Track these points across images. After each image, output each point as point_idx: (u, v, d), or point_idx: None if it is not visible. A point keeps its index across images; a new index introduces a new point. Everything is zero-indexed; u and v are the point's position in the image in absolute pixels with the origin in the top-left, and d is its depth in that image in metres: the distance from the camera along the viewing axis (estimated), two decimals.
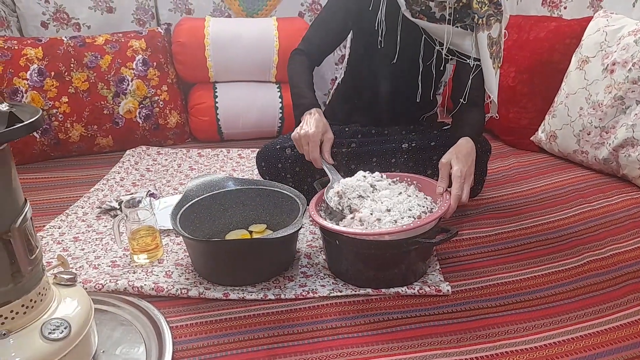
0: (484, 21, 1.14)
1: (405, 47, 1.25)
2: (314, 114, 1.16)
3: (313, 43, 1.30)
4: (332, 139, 1.15)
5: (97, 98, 1.70)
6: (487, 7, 1.14)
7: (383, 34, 1.24)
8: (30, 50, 1.64)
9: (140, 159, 1.70)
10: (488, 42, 1.15)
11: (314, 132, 1.12)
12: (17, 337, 0.66)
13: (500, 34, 1.17)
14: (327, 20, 1.30)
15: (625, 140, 1.33)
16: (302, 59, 1.28)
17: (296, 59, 1.29)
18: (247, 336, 0.87)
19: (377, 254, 0.96)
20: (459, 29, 1.18)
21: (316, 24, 1.31)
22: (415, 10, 1.17)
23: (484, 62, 1.17)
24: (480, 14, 1.14)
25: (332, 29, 1.30)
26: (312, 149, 1.12)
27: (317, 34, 1.30)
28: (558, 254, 1.08)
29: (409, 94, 1.31)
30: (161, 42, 1.83)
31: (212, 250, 1.00)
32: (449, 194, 1.02)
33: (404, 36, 1.24)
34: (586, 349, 0.81)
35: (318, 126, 1.13)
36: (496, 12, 1.15)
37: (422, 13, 1.17)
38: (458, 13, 1.16)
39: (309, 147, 1.12)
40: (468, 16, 1.17)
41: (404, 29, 1.23)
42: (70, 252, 1.14)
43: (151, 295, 0.96)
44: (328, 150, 1.15)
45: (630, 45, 1.36)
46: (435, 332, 0.87)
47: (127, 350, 0.82)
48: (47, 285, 0.72)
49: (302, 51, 1.30)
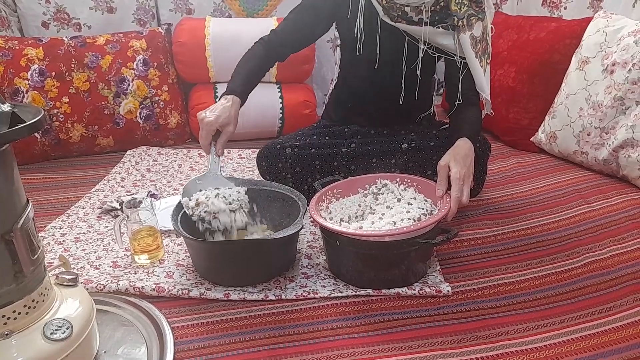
0: (465, 22, 1.13)
1: (386, 52, 1.24)
2: (227, 102, 1.11)
3: (278, 34, 1.26)
4: (230, 132, 1.10)
5: (97, 98, 1.71)
6: (466, 8, 1.13)
7: (362, 41, 1.23)
8: (31, 51, 1.64)
9: (141, 159, 1.70)
10: (471, 42, 1.14)
11: (211, 120, 1.07)
12: (19, 337, 0.66)
13: (485, 30, 1.16)
14: (297, 16, 1.26)
15: (625, 141, 1.33)
16: (259, 49, 1.24)
17: (254, 47, 1.25)
18: (248, 337, 0.87)
19: (377, 255, 0.96)
20: (441, 29, 1.17)
21: (288, 19, 1.27)
22: (393, 15, 1.17)
23: (470, 63, 1.16)
24: (459, 15, 1.13)
25: (302, 26, 1.26)
26: (203, 135, 1.08)
27: (285, 30, 1.26)
28: (558, 254, 1.08)
29: (394, 97, 1.30)
30: (162, 42, 1.83)
31: (213, 251, 1.01)
32: (449, 196, 1.02)
33: (385, 41, 1.23)
34: (586, 350, 0.81)
35: (220, 115, 1.08)
36: (477, 11, 1.13)
37: (401, 17, 1.16)
38: (438, 15, 1.16)
39: (202, 133, 1.08)
40: (449, 16, 1.15)
41: (384, 33, 1.22)
42: (71, 252, 1.14)
43: (152, 295, 0.97)
44: (221, 143, 1.10)
45: (630, 46, 1.36)
46: (436, 332, 0.87)
47: (128, 351, 0.82)
48: (49, 285, 0.73)
49: (265, 42, 1.25)
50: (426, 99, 1.39)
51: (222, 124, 1.08)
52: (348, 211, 1.06)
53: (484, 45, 1.17)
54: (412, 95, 1.29)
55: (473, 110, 1.22)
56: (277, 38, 1.26)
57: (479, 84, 1.18)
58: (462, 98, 1.21)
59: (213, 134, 1.09)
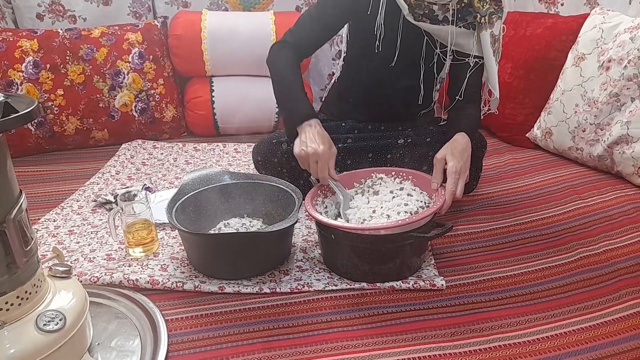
0: (487, 19, 1.13)
1: (404, 50, 1.23)
2: (315, 127, 1.08)
3: (303, 37, 1.21)
4: (335, 154, 1.08)
5: (92, 91, 1.70)
6: (488, 5, 1.13)
7: (381, 38, 1.22)
8: (25, 42, 1.63)
9: (136, 152, 1.70)
10: (491, 40, 1.14)
11: (324, 150, 1.04)
12: (11, 328, 0.66)
13: (500, 30, 1.17)
14: (320, 16, 1.22)
15: (620, 137, 1.34)
16: (289, 53, 1.18)
17: (284, 52, 1.18)
18: (243, 329, 0.87)
19: (372, 249, 0.96)
20: (462, 29, 1.17)
21: (308, 18, 1.23)
22: (418, 13, 1.15)
23: (487, 61, 1.16)
24: (482, 12, 1.13)
25: (325, 25, 1.22)
26: (322, 168, 1.05)
27: (309, 28, 1.22)
28: (552, 249, 1.08)
29: (409, 96, 1.30)
30: (157, 35, 1.82)
31: (208, 244, 1.00)
32: (444, 189, 1.03)
33: (404, 39, 1.22)
34: (579, 343, 0.81)
35: (325, 143, 1.06)
36: (497, 9, 1.14)
37: (425, 16, 1.15)
38: (460, 12, 1.15)
39: (318, 166, 1.05)
40: (470, 14, 1.15)
41: (404, 32, 1.20)
42: (65, 245, 1.14)
43: (146, 288, 0.96)
44: (333, 167, 1.08)
45: (626, 43, 1.36)
46: (430, 326, 0.87)
47: (122, 343, 0.82)
48: (42, 277, 0.72)
49: (289, 44, 1.20)
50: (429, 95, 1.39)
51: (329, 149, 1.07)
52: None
53: (498, 45, 1.17)
54: (429, 94, 1.29)
55: (473, 107, 1.23)
56: (302, 41, 1.21)
57: (492, 83, 1.18)
58: (465, 95, 1.21)
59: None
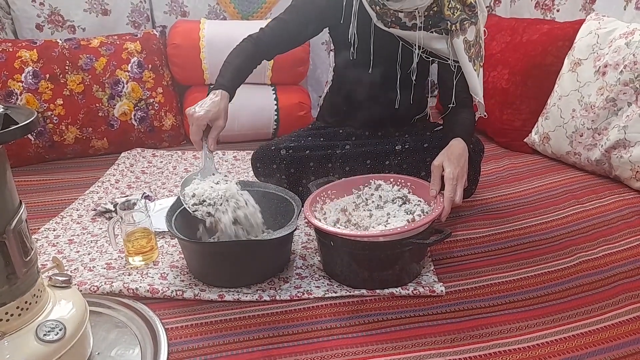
0: (458, 26, 1.14)
1: (380, 56, 1.24)
2: (216, 96, 1.10)
3: (266, 35, 1.23)
4: (221, 127, 1.08)
5: (92, 100, 1.70)
6: (459, 12, 1.13)
7: (356, 47, 1.23)
8: (25, 53, 1.64)
9: (136, 161, 1.70)
10: (465, 46, 1.15)
11: (201, 115, 1.05)
12: (12, 339, 0.66)
13: (478, 34, 1.17)
14: (288, 19, 1.24)
15: (617, 142, 1.34)
16: (247, 46, 1.21)
17: (242, 43, 1.22)
18: (243, 337, 0.87)
19: (371, 255, 0.96)
20: (434, 34, 1.17)
21: (278, 21, 1.25)
22: (386, 20, 1.17)
23: (464, 67, 1.17)
24: (452, 20, 1.13)
25: (289, 31, 1.24)
26: (194, 130, 1.06)
27: (274, 29, 1.24)
28: (551, 254, 1.08)
29: (389, 101, 1.30)
30: (156, 45, 1.83)
31: (207, 252, 1.01)
32: (442, 196, 1.03)
33: (378, 45, 1.23)
34: (579, 348, 0.82)
35: (210, 110, 1.06)
36: (471, 15, 1.14)
37: (394, 23, 1.17)
38: (431, 19, 1.16)
39: (192, 128, 1.07)
40: (442, 21, 1.16)
41: (377, 38, 1.22)
42: (65, 254, 1.14)
43: (146, 297, 0.96)
44: (213, 137, 1.08)
45: (622, 48, 1.37)
46: (429, 332, 0.87)
47: (122, 352, 0.82)
48: (42, 287, 0.73)
49: (253, 39, 1.22)
50: (421, 101, 1.39)
51: (212, 119, 1.07)
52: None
53: (477, 49, 1.17)
54: (407, 99, 1.30)
55: (467, 112, 1.23)
56: (265, 37, 1.23)
57: (472, 87, 1.18)
58: (456, 101, 1.21)
59: (204, 129, 1.08)
